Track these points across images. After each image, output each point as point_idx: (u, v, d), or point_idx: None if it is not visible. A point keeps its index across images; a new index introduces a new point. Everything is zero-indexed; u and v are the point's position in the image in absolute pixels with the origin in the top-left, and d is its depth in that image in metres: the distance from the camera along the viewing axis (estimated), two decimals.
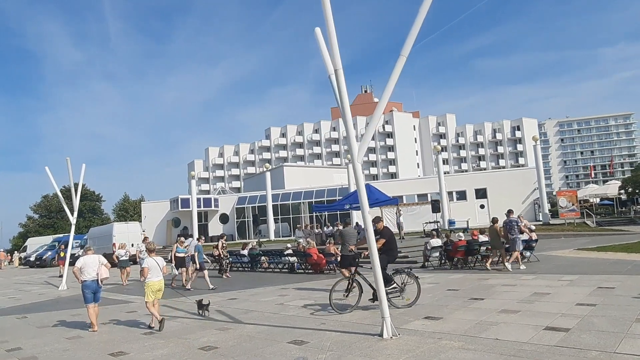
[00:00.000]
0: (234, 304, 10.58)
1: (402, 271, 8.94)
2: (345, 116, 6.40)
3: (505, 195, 40.47)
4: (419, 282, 8.79)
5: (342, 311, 8.43)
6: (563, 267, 13.00)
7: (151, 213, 43.82)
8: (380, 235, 8.91)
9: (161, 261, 8.59)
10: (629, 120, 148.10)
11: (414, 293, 8.69)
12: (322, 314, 8.67)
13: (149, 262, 8.41)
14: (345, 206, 24.04)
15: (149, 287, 8.30)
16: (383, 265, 8.23)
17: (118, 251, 16.47)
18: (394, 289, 8.54)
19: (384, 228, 9.29)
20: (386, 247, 8.93)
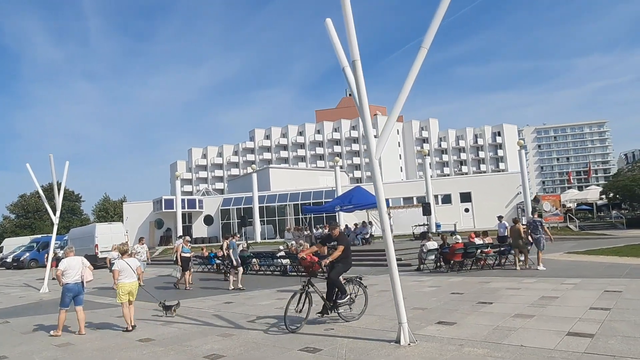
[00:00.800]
0: (230, 308, 10.15)
1: (352, 280, 8.43)
2: (363, 111, 6.09)
3: (489, 199, 40.88)
4: (366, 292, 8.49)
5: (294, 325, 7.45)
6: (561, 271, 12.95)
7: (133, 214, 42.71)
8: (337, 241, 8.24)
9: (134, 263, 8.68)
10: (602, 128, 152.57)
11: (362, 304, 8.28)
12: (325, 318, 8.32)
13: (120, 264, 8.52)
14: (335, 208, 23.77)
15: (120, 289, 8.43)
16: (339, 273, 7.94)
17: (111, 253, 15.48)
18: (346, 301, 7.96)
19: (340, 234, 8.53)
20: (343, 254, 8.11)
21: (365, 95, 6.06)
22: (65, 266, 8.36)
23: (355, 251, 18.46)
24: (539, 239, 13.55)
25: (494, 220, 40.93)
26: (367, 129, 6.08)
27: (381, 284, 12.57)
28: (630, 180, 32.46)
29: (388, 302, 9.67)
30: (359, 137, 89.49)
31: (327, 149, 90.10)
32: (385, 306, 9.20)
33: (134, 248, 15.71)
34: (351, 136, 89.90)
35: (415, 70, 5.94)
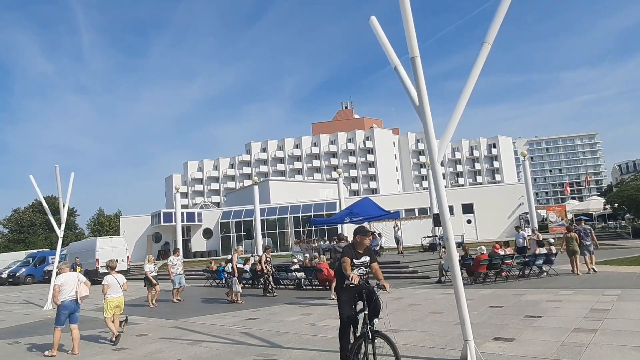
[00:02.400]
0: (257, 325, 9.55)
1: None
2: (424, 110, 5.66)
3: (492, 210, 40.66)
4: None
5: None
6: (592, 282, 12.51)
7: (130, 228, 41.83)
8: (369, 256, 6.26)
9: (121, 278, 9.07)
10: (593, 140, 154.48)
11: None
12: None
13: (109, 279, 8.90)
14: (344, 220, 23.24)
15: (108, 303, 8.77)
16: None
17: (147, 266, 14.30)
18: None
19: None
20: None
21: (425, 93, 5.65)
22: (62, 282, 8.07)
23: None
24: (589, 246, 14.50)
25: (497, 231, 41.05)
26: (429, 130, 5.64)
27: (407, 297, 12.06)
28: (635, 190, 32.33)
29: (425, 316, 9.17)
30: (355, 150, 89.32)
31: (324, 162, 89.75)
32: (425, 321, 8.69)
33: (170, 260, 14.85)
34: (348, 149, 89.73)
35: (480, 65, 5.56)
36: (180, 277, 14.85)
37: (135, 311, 13.37)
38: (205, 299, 15.33)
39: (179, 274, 14.82)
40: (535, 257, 14.54)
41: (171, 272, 14.64)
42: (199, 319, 10.85)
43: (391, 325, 8.40)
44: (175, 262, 14.84)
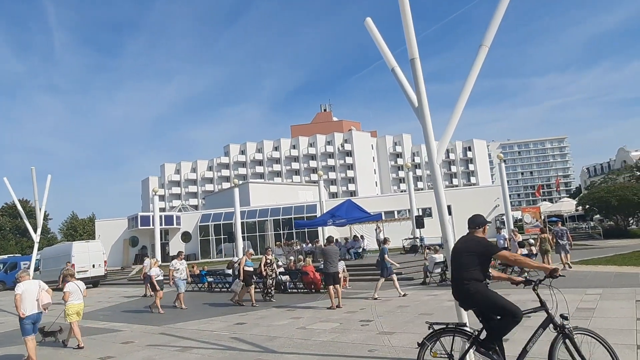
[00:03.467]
0: (247, 330, 9.39)
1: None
2: (423, 112, 5.68)
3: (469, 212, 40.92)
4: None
5: None
6: (572, 281, 12.81)
7: (106, 232, 40.73)
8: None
9: (82, 285, 9.26)
10: (563, 143, 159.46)
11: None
12: (357, 337, 7.76)
13: (71, 286, 9.05)
14: (327, 222, 23.26)
15: (70, 309, 8.86)
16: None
17: (153, 270, 13.64)
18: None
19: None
20: None
21: (425, 94, 5.67)
22: (22, 291, 7.82)
23: (349, 266, 18.03)
24: (565, 245, 15.89)
25: None
26: (428, 131, 5.66)
27: (396, 299, 12.09)
28: (605, 192, 33.39)
29: (415, 318, 9.21)
30: (334, 152, 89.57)
31: (302, 164, 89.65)
32: (416, 323, 8.72)
33: (173, 264, 14.00)
34: (326, 151, 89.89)
35: (478, 67, 5.63)
36: (183, 282, 14.16)
37: (118, 317, 13.02)
38: (190, 304, 15.00)
39: (183, 279, 14.09)
40: None
41: (173, 277, 13.82)
42: (186, 325, 10.62)
43: (383, 327, 8.42)
44: (179, 267, 14.01)
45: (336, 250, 11.87)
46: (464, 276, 4.46)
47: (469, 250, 4.55)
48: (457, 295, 4.72)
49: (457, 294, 4.70)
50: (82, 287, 9.23)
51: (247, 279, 13.11)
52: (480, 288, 4.44)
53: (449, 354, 4.57)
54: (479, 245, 4.55)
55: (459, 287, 4.58)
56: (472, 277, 4.42)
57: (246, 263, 13.26)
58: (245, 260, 13.34)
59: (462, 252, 4.59)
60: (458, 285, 4.61)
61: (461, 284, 4.51)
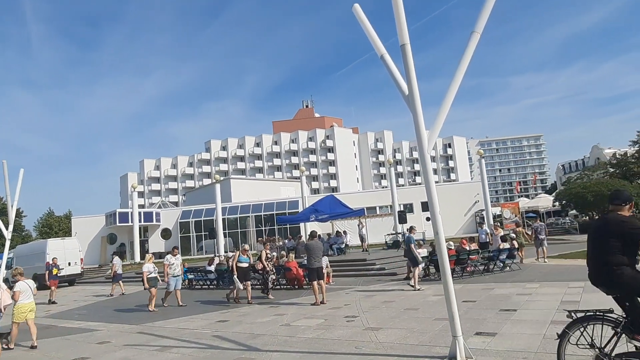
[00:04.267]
0: (228, 327, 9.13)
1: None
2: (414, 100, 5.51)
3: (450, 207, 41.71)
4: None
5: None
6: (552, 275, 12.94)
7: (83, 229, 39.70)
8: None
9: (32, 284, 9.25)
10: (539, 141, 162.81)
11: None
12: (343, 334, 7.59)
13: (22, 286, 8.95)
14: (310, 218, 23.04)
15: (19, 309, 8.76)
16: None
17: (146, 266, 12.85)
18: None
19: None
20: None
21: (415, 82, 5.50)
22: None
23: (333, 261, 17.87)
24: (543, 240, 16.77)
25: (454, 228, 42.13)
26: (419, 120, 5.50)
27: (380, 295, 11.98)
28: (581, 188, 34.07)
29: (401, 313, 9.09)
30: (316, 148, 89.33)
31: (284, 160, 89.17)
32: (402, 318, 8.60)
33: (167, 259, 13.17)
34: (308, 147, 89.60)
35: (469, 54, 5.50)
36: (178, 278, 13.20)
37: (94, 316, 12.59)
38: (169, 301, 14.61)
39: (177, 276, 13.19)
40: (499, 251, 14.89)
41: (167, 273, 12.93)
42: (165, 323, 10.29)
43: (369, 323, 8.27)
44: (173, 262, 13.15)
45: (320, 245, 11.68)
46: (612, 261, 3.88)
47: (612, 233, 3.93)
48: (602, 280, 4.05)
49: (603, 279, 4.03)
50: (32, 285, 9.20)
51: (240, 275, 12.45)
52: (633, 273, 3.86)
53: (594, 344, 4.07)
54: (625, 227, 3.86)
55: (607, 273, 3.95)
56: (622, 263, 3.86)
57: (239, 259, 12.57)
58: (238, 256, 12.62)
59: (605, 235, 3.98)
60: (605, 271, 3.96)
61: (609, 269, 3.91)
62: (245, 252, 12.88)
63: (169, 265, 13.01)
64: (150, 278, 12.68)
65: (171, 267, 13.03)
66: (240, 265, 12.53)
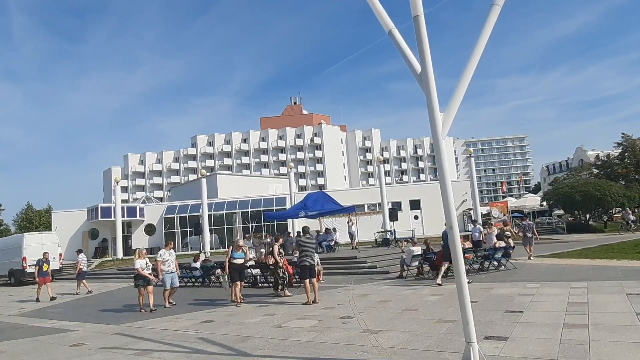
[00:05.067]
0: (215, 329, 8.49)
1: None
2: (427, 78, 4.95)
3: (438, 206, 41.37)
4: None
5: None
6: (550, 274, 12.58)
7: (64, 223, 38.38)
8: None
9: None
10: (523, 142, 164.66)
11: None
12: (339, 337, 7.02)
13: None
14: (299, 214, 22.45)
15: None
16: None
17: (138, 262, 11.46)
18: None
19: None
20: None
21: (429, 57, 4.94)
22: None
23: (322, 259, 17.28)
24: (531, 238, 17.14)
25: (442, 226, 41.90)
26: (433, 101, 4.93)
27: (374, 294, 11.45)
28: (569, 188, 34.08)
29: (400, 314, 8.56)
30: (304, 145, 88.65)
31: (272, 157, 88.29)
32: (402, 319, 8.06)
33: (160, 255, 11.94)
34: (296, 144, 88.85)
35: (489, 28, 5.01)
36: (173, 275, 11.98)
37: (70, 315, 11.79)
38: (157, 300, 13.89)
39: (172, 272, 11.93)
40: (495, 250, 14.49)
41: (161, 270, 11.72)
42: (146, 323, 9.59)
43: (367, 325, 7.72)
44: (167, 258, 11.89)
45: (312, 241, 11.10)
46: None
47: None
48: None
49: None
50: None
51: (232, 273, 11.35)
52: None
53: None
54: None
55: None
56: None
57: (233, 254, 11.44)
58: (232, 252, 11.52)
59: None
60: None
61: None
62: (240, 247, 11.80)
63: (162, 262, 11.78)
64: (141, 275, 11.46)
65: (165, 264, 11.79)
66: (235, 262, 11.44)
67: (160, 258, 11.89)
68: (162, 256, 11.95)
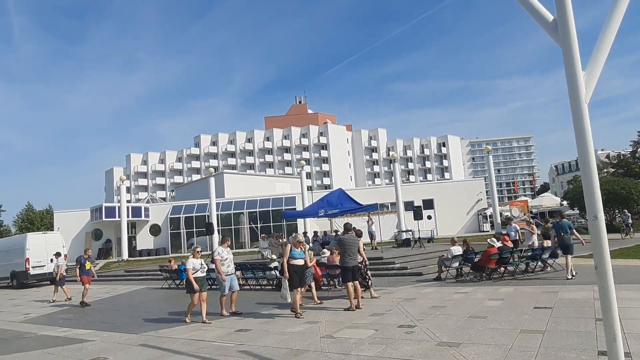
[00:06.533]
0: (255, 339, 7.31)
1: None
2: (566, 25, 3.78)
3: (451, 206, 40.39)
4: None
5: None
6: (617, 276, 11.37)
7: (66, 224, 37.25)
8: None
9: None
10: (529, 142, 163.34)
11: None
12: (412, 351, 5.86)
13: None
14: (318, 213, 21.28)
15: None
16: None
17: (191, 262, 9.46)
18: None
19: None
20: None
21: (569, 2, 3.78)
22: None
23: None
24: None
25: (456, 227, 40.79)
26: (573, 53, 3.78)
27: (421, 298, 10.28)
28: None
29: (469, 322, 7.37)
30: (309, 145, 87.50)
31: (276, 157, 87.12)
32: (475, 329, 6.89)
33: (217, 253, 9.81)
34: (301, 144, 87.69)
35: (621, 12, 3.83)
36: (232, 277, 10.06)
37: (82, 322, 10.60)
38: (169, 304, 12.74)
39: (231, 274, 9.99)
40: (543, 250, 13.31)
41: (221, 272, 9.70)
42: (172, 332, 8.43)
43: (437, 336, 6.54)
44: (226, 256, 9.82)
45: (356, 240, 9.90)
46: None
47: None
48: None
49: None
50: None
51: (293, 277, 9.20)
52: None
53: None
54: None
55: None
56: None
57: (292, 254, 9.38)
58: (291, 250, 9.42)
59: None
60: None
61: None
62: (300, 244, 9.62)
63: (221, 261, 9.68)
64: (198, 278, 9.47)
65: (224, 263, 9.73)
66: (295, 262, 9.33)
67: (218, 257, 9.71)
68: (220, 254, 9.74)
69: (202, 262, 9.68)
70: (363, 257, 10.61)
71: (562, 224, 11.98)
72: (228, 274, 9.80)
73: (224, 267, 9.73)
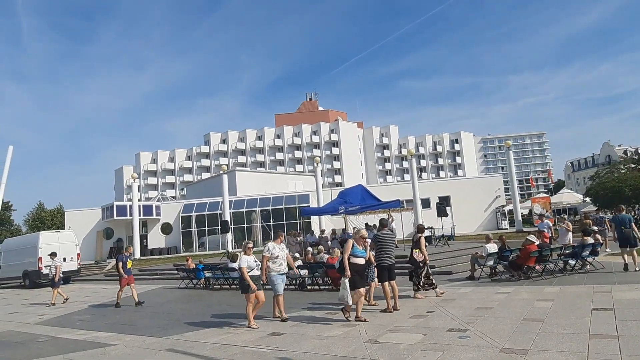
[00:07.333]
0: (292, 344, 6.68)
1: None
2: None
3: (469, 203, 39.44)
4: None
5: None
6: None
7: (77, 223, 36.93)
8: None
9: None
10: (542, 139, 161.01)
11: None
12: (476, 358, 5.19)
13: None
14: (339, 209, 20.59)
15: None
16: None
17: (245, 259, 8.51)
18: None
19: None
20: None
21: None
22: None
23: None
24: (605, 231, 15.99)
25: (473, 224, 39.93)
26: None
27: (460, 299, 9.59)
28: (617, 182, 31.91)
29: (525, 326, 6.67)
30: (320, 142, 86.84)
31: (287, 154, 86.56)
32: (536, 332, 6.21)
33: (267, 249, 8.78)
34: (312, 141, 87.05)
35: None
36: (283, 278, 9.04)
37: (101, 324, 10.03)
38: (190, 304, 12.17)
39: (283, 273, 8.96)
40: (583, 247, 12.52)
41: (267, 270, 8.66)
42: (199, 335, 7.83)
43: (496, 341, 5.85)
44: (277, 253, 8.77)
45: (392, 237, 9.24)
46: None
47: None
48: None
49: None
50: None
51: (355, 277, 8.04)
52: None
53: None
54: None
55: None
56: None
57: (354, 251, 8.16)
58: (352, 247, 8.19)
59: None
60: None
61: None
62: (363, 240, 8.40)
63: (269, 259, 8.66)
64: (253, 277, 8.43)
65: (274, 262, 8.72)
66: (356, 261, 8.15)
67: (267, 253, 8.72)
68: (270, 251, 8.76)
69: (255, 259, 8.75)
70: (424, 256, 10.06)
71: (623, 218, 11.33)
72: (280, 273, 8.83)
73: (275, 265, 8.73)
